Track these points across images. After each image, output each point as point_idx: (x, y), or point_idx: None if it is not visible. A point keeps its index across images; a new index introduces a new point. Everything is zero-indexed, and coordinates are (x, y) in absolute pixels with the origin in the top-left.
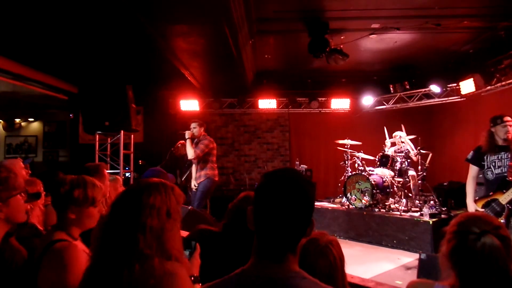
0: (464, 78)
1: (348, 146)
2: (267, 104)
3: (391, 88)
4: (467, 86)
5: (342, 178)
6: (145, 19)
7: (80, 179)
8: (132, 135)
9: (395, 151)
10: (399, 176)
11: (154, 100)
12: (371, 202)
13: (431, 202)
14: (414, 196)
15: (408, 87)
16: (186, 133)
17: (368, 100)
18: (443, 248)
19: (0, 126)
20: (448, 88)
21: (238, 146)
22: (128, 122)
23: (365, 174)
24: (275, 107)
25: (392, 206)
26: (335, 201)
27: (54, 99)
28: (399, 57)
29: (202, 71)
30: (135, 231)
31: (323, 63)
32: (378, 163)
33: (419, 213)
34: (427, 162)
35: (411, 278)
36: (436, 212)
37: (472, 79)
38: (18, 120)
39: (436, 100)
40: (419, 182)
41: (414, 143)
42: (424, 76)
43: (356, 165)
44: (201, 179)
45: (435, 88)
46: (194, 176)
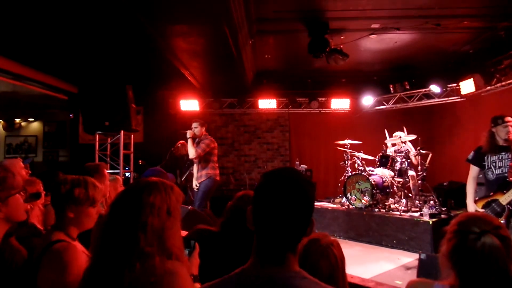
0: (464, 78)
1: (348, 146)
2: (267, 104)
3: (391, 88)
4: (467, 86)
5: (342, 178)
6: (145, 19)
7: (81, 178)
8: (132, 135)
9: (395, 151)
10: (399, 176)
11: (154, 100)
12: (371, 202)
13: (431, 202)
14: (414, 196)
15: (408, 87)
16: (188, 132)
17: (368, 100)
18: (443, 248)
19: (0, 126)
20: (448, 88)
21: (238, 146)
22: (128, 122)
23: (365, 174)
24: (275, 107)
25: (392, 206)
26: (335, 201)
27: (54, 99)
28: (399, 57)
29: (202, 71)
30: (136, 230)
31: (323, 63)
32: (378, 163)
33: (419, 213)
34: (427, 162)
35: (411, 278)
36: (436, 212)
37: (472, 79)
38: (18, 120)
39: (436, 100)
40: (419, 182)
41: (414, 143)
42: (424, 76)
43: (356, 165)
44: (202, 179)
45: (435, 88)
46: (196, 175)
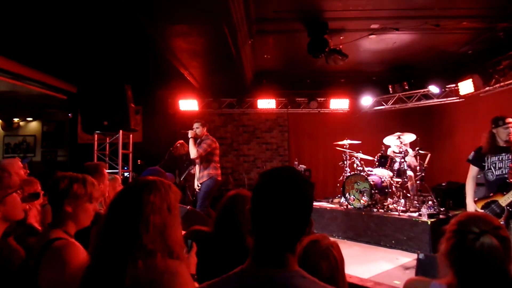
0: (463, 78)
1: (347, 146)
2: (266, 104)
3: (390, 89)
4: (466, 87)
5: (341, 178)
6: (145, 19)
7: (79, 176)
8: (131, 135)
9: (394, 152)
10: (397, 176)
11: (153, 100)
12: (370, 202)
13: (430, 203)
14: (412, 197)
15: (407, 87)
16: (189, 132)
17: (367, 100)
18: (442, 246)
19: None
20: (447, 89)
21: (237, 146)
22: (127, 122)
23: (363, 174)
24: (274, 107)
25: (391, 206)
26: (334, 201)
27: (53, 98)
28: (398, 57)
29: (201, 71)
30: (138, 227)
31: (322, 63)
32: (377, 163)
33: (417, 213)
34: (426, 162)
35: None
36: (434, 212)
37: (471, 79)
38: (16, 120)
39: (435, 101)
40: (418, 182)
41: (412, 143)
42: (423, 77)
43: (355, 165)
44: (203, 179)
45: (434, 89)
46: (197, 176)
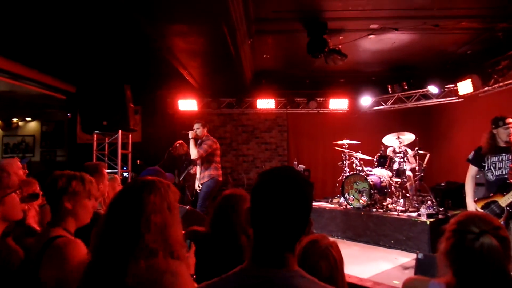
0: (462, 79)
1: (346, 146)
2: (266, 104)
3: (389, 89)
4: (465, 87)
5: (340, 178)
6: (144, 19)
7: (77, 173)
8: (130, 135)
9: (393, 152)
10: (397, 176)
11: (153, 99)
12: (369, 202)
13: (429, 202)
14: (411, 196)
15: (406, 87)
16: (190, 133)
17: (366, 100)
18: (442, 246)
19: None
20: (446, 89)
21: (236, 146)
22: (126, 122)
23: (363, 174)
24: (274, 107)
25: (390, 206)
26: (333, 201)
27: (52, 98)
28: (397, 57)
29: (200, 71)
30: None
31: (321, 63)
32: (376, 163)
33: (416, 213)
34: (425, 162)
35: None
36: (433, 212)
37: (470, 80)
38: (15, 120)
39: (434, 101)
40: (417, 182)
41: (411, 143)
42: (422, 77)
43: (354, 165)
44: (204, 180)
45: (433, 89)
46: (198, 176)
